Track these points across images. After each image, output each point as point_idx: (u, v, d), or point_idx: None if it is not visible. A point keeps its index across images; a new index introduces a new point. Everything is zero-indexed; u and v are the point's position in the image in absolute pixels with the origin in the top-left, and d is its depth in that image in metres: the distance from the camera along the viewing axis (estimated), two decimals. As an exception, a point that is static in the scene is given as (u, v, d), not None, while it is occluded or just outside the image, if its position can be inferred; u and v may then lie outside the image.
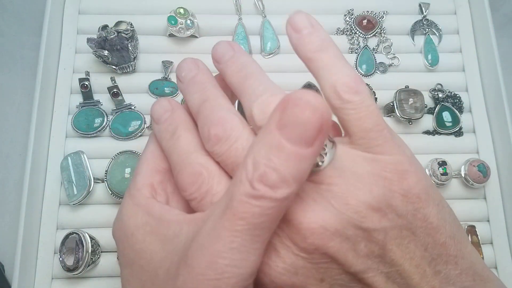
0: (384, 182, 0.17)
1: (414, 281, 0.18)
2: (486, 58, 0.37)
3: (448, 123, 0.35)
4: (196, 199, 0.18)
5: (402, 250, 0.18)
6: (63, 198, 0.33)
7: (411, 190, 0.18)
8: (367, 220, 0.17)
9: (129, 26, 0.35)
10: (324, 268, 0.17)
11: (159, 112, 0.21)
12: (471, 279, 0.18)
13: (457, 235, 0.19)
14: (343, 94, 0.18)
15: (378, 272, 0.17)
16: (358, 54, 0.37)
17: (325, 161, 0.17)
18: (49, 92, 0.34)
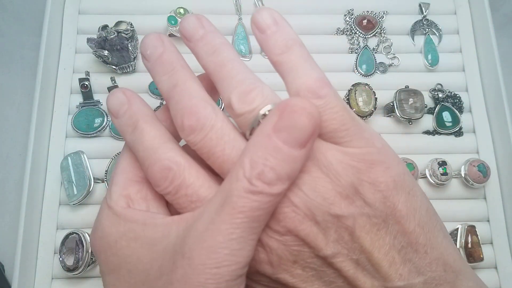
0: (352, 171, 0.18)
1: (383, 269, 0.18)
2: (486, 58, 0.37)
3: (448, 123, 0.35)
4: (170, 193, 0.19)
5: (371, 237, 0.18)
6: (63, 198, 0.33)
7: (379, 179, 0.18)
8: (335, 206, 0.18)
9: (129, 26, 0.35)
10: (296, 251, 0.18)
11: (116, 106, 0.21)
12: (441, 269, 0.19)
13: (428, 225, 0.19)
14: None
15: (348, 258, 0.18)
16: (358, 54, 0.37)
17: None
18: (49, 92, 0.34)
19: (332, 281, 0.18)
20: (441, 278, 0.18)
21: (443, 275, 0.18)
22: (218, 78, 0.20)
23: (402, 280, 0.18)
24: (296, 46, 0.20)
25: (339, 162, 0.18)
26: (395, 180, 0.18)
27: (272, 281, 0.19)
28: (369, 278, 0.18)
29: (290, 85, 0.19)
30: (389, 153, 0.19)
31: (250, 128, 0.19)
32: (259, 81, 0.19)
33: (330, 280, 0.18)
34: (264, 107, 0.18)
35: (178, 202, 0.19)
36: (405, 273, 0.18)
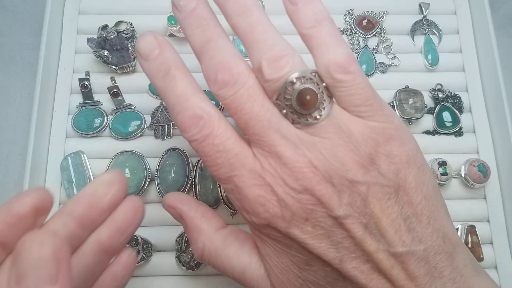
0: (371, 143, 0.19)
1: (389, 234, 0.19)
2: (486, 58, 0.37)
3: (448, 123, 0.35)
4: (197, 140, 0.20)
5: (382, 204, 0.19)
6: (63, 198, 0.33)
7: (394, 152, 0.20)
8: (352, 172, 0.19)
9: (129, 26, 0.35)
10: (310, 209, 0.19)
11: (147, 49, 0.21)
12: (441, 240, 0.20)
13: (433, 198, 0.20)
14: (335, 74, 0.19)
15: (358, 221, 0.19)
16: (358, 54, 0.37)
17: (323, 115, 0.19)
18: (49, 92, 0.34)
19: (339, 241, 0.19)
20: (440, 247, 0.20)
21: (442, 245, 0.20)
22: (249, 40, 0.20)
23: (405, 246, 0.19)
24: (326, 21, 0.21)
25: (360, 133, 0.19)
26: (408, 155, 0.20)
27: (282, 236, 0.20)
28: (375, 241, 0.19)
29: (319, 59, 0.20)
30: (405, 130, 0.21)
31: (277, 94, 0.20)
32: (290, 48, 0.20)
33: (337, 240, 0.19)
34: (292, 75, 0.19)
35: (203, 150, 0.20)
36: (408, 240, 0.19)
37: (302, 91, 0.19)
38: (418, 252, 0.19)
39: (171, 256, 0.31)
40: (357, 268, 0.19)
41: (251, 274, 0.22)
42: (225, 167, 0.20)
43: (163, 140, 0.34)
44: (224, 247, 0.22)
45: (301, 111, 0.19)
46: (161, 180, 0.32)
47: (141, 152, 0.33)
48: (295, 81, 0.19)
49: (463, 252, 0.21)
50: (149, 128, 0.34)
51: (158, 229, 0.32)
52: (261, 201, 0.19)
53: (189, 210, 0.23)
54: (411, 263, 0.19)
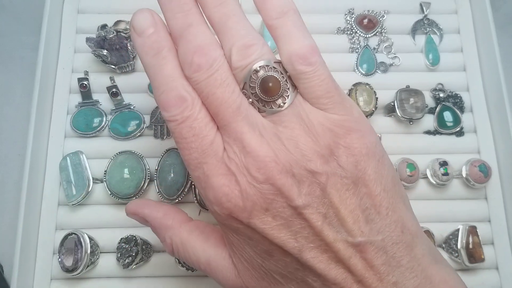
0: (330, 134, 0.20)
1: (348, 224, 0.20)
2: (487, 58, 0.36)
3: (449, 123, 0.35)
4: (177, 121, 0.20)
5: (340, 195, 0.20)
6: (62, 199, 0.32)
7: (353, 144, 0.20)
8: (312, 163, 0.19)
9: (128, 25, 0.35)
10: (270, 199, 0.19)
11: (142, 25, 0.22)
12: (399, 230, 0.20)
13: (392, 190, 0.21)
14: (296, 65, 0.20)
15: (317, 211, 0.20)
16: (358, 54, 0.37)
17: (287, 102, 0.20)
18: (48, 91, 0.34)
19: (298, 231, 0.20)
20: (398, 237, 0.20)
21: (400, 236, 0.20)
22: (222, 29, 0.21)
23: (364, 236, 0.20)
24: (291, 12, 0.21)
25: (320, 125, 0.20)
26: (368, 147, 0.20)
27: (243, 226, 0.20)
28: (334, 231, 0.20)
29: (283, 50, 0.21)
30: (364, 123, 0.21)
31: (243, 82, 0.20)
32: (261, 38, 0.21)
33: (296, 230, 0.20)
34: (257, 63, 0.20)
35: (180, 131, 0.20)
36: (366, 231, 0.20)
37: (265, 78, 0.20)
38: (376, 242, 0.20)
39: (170, 256, 0.31)
40: (316, 258, 0.20)
41: (216, 265, 0.23)
42: (197, 152, 0.20)
43: (162, 140, 0.33)
44: (190, 240, 0.23)
45: (265, 99, 0.20)
46: (160, 180, 0.32)
47: (141, 152, 0.32)
48: (259, 69, 0.20)
49: (422, 242, 0.21)
50: (148, 128, 0.34)
51: (158, 230, 0.32)
52: (224, 191, 0.20)
53: (151, 212, 0.24)
54: (369, 253, 0.20)
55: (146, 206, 0.24)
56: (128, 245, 0.30)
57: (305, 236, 0.20)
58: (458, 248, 0.32)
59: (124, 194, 0.31)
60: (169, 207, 0.25)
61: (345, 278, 0.20)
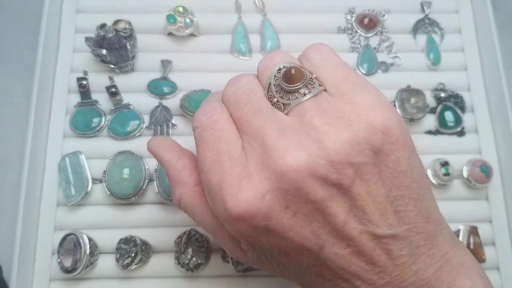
0: (367, 118, 0.18)
1: (375, 217, 0.19)
2: (489, 57, 0.36)
3: (450, 123, 0.35)
4: (201, 127, 0.21)
5: (369, 186, 0.19)
6: (61, 199, 0.32)
7: (392, 131, 0.19)
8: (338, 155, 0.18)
9: (128, 24, 0.35)
10: (291, 195, 0.18)
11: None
12: (424, 220, 0.20)
13: (422, 182, 0.20)
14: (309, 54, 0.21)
15: (342, 203, 0.18)
16: (359, 53, 0.36)
17: (312, 92, 0.19)
18: (46, 91, 0.34)
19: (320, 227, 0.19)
20: (423, 227, 0.20)
21: (425, 225, 0.20)
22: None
23: (391, 229, 0.19)
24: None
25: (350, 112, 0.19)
26: (405, 137, 0.19)
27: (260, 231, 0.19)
28: (359, 224, 0.19)
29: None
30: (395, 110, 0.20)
31: (267, 85, 0.21)
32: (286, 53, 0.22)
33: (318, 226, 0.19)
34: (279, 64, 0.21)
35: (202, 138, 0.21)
36: (394, 223, 0.19)
37: (288, 69, 0.20)
38: (402, 233, 0.19)
39: (170, 257, 0.31)
40: (337, 253, 0.19)
41: (223, 236, 0.22)
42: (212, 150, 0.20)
43: (162, 140, 0.33)
44: (200, 203, 0.23)
45: (288, 88, 0.20)
46: (160, 180, 0.31)
47: (140, 152, 0.32)
48: (282, 68, 0.20)
49: (444, 227, 0.21)
50: (147, 128, 0.34)
51: (157, 230, 0.32)
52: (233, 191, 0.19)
53: (171, 160, 0.24)
54: (394, 244, 0.19)
55: (169, 151, 0.24)
56: (127, 246, 0.30)
57: (328, 231, 0.19)
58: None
59: (123, 195, 0.31)
60: (190, 160, 0.24)
61: (366, 270, 0.19)
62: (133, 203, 0.32)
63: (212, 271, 0.31)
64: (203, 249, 0.31)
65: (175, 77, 0.35)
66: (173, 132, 0.34)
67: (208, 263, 0.31)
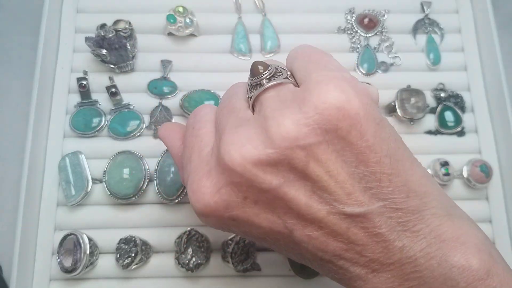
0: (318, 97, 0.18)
1: (340, 197, 0.18)
2: (489, 57, 0.36)
3: (450, 123, 0.35)
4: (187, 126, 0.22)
5: (329, 165, 0.18)
6: (61, 199, 0.32)
7: (349, 105, 0.18)
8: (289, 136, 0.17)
9: (128, 24, 0.35)
10: (245, 187, 0.18)
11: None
12: (404, 195, 0.18)
13: (395, 154, 0.19)
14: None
15: (301, 186, 0.18)
16: (359, 53, 0.36)
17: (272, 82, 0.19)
18: (46, 91, 0.34)
19: (285, 212, 0.19)
20: (403, 202, 0.18)
21: (406, 200, 0.18)
22: None
23: (362, 206, 0.18)
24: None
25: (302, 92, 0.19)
26: (366, 110, 0.18)
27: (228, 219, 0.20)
28: (325, 205, 0.18)
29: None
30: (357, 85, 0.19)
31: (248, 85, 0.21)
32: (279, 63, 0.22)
33: (283, 211, 0.19)
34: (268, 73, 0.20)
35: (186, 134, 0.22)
36: (365, 200, 0.18)
37: (255, 62, 0.20)
38: (377, 210, 0.18)
39: (170, 257, 0.31)
40: (310, 235, 0.19)
41: None
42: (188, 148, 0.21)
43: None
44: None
45: (252, 82, 0.20)
46: (160, 180, 0.31)
47: (140, 152, 0.32)
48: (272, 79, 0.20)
49: (432, 200, 0.19)
50: (147, 128, 0.34)
51: (157, 230, 0.32)
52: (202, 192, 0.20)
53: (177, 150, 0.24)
54: (370, 221, 0.18)
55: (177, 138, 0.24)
56: (127, 246, 0.30)
57: (294, 215, 0.19)
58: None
59: (123, 195, 0.31)
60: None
61: (346, 250, 0.19)
62: (133, 203, 0.32)
63: (212, 271, 0.31)
64: (203, 249, 0.31)
65: (175, 77, 0.35)
66: (173, 132, 0.34)
67: (208, 263, 0.31)
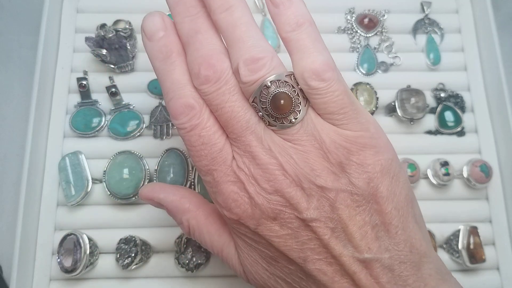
0: (343, 151, 0.20)
1: (355, 240, 0.20)
2: (489, 57, 0.36)
3: (450, 123, 0.35)
4: (185, 129, 0.20)
5: (350, 211, 0.20)
6: (61, 199, 0.32)
7: (367, 161, 0.20)
8: (321, 179, 0.19)
9: (128, 24, 0.35)
10: (278, 210, 0.20)
11: (153, 28, 0.22)
12: (408, 250, 0.20)
13: (403, 209, 0.20)
14: (309, 81, 0.20)
15: (325, 225, 0.20)
16: (359, 53, 0.36)
17: (298, 118, 0.20)
18: (46, 91, 0.34)
19: (305, 242, 0.20)
20: (406, 257, 0.20)
21: (408, 255, 0.20)
22: (230, 39, 0.20)
23: (370, 253, 0.19)
24: (307, 24, 0.20)
25: (332, 142, 0.20)
26: (382, 164, 0.20)
27: (251, 232, 0.21)
28: (341, 246, 0.20)
29: (296, 65, 0.20)
30: (381, 139, 0.21)
31: (253, 96, 0.20)
32: (269, 50, 0.20)
33: (303, 241, 0.20)
34: (267, 78, 0.19)
35: (189, 139, 0.21)
36: (374, 248, 0.20)
37: (276, 96, 0.19)
38: (383, 260, 0.19)
39: (170, 257, 0.31)
40: (321, 270, 0.20)
41: (228, 253, 0.23)
42: (207, 160, 0.20)
43: (162, 140, 0.33)
44: (207, 224, 0.23)
45: (276, 115, 0.20)
46: (160, 180, 0.31)
47: (140, 152, 0.32)
48: (269, 85, 0.19)
49: (430, 261, 0.21)
50: (147, 128, 0.34)
51: (157, 230, 0.32)
52: (233, 197, 0.20)
53: (167, 196, 0.24)
54: (375, 270, 0.19)
55: (161, 190, 0.24)
56: (127, 246, 0.30)
57: (311, 248, 0.20)
58: (459, 249, 0.31)
59: (123, 195, 0.31)
60: (185, 190, 0.25)
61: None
62: (133, 203, 0.32)
63: (212, 271, 0.31)
64: (203, 249, 0.31)
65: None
66: (173, 132, 0.34)
67: (208, 263, 0.31)
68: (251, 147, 0.20)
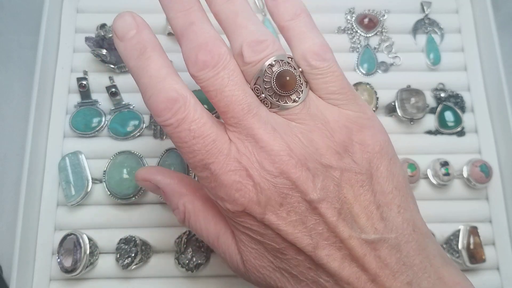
0: (345, 130, 0.20)
1: (362, 221, 0.20)
2: (489, 57, 0.36)
3: (450, 123, 0.35)
4: (172, 125, 0.19)
5: (355, 191, 0.20)
6: (61, 199, 0.32)
7: (367, 141, 0.20)
8: (326, 157, 0.19)
9: (128, 24, 0.35)
10: (284, 194, 0.19)
11: (123, 28, 0.21)
12: (411, 229, 0.20)
13: (403, 190, 0.21)
14: (311, 61, 0.20)
15: (332, 205, 0.19)
16: (359, 53, 0.36)
17: (301, 97, 0.20)
18: (46, 91, 0.34)
19: (313, 227, 0.19)
20: (410, 236, 0.20)
21: (412, 234, 0.20)
22: (231, 26, 0.21)
23: (377, 233, 0.20)
24: (304, 15, 0.22)
25: (335, 121, 0.20)
26: (381, 145, 0.21)
27: (257, 224, 0.20)
28: (348, 227, 0.19)
29: (296, 48, 0.21)
30: (377, 121, 0.22)
31: (256, 77, 0.20)
32: (271, 34, 0.21)
33: (311, 226, 0.19)
34: (271, 58, 0.20)
35: (178, 136, 0.19)
36: (380, 228, 0.20)
37: (282, 73, 0.20)
38: (390, 240, 0.19)
39: (170, 257, 0.31)
40: (330, 256, 0.19)
41: (224, 242, 0.22)
42: (202, 154, 0.19)
43: (162, 140, 0.33)
44: (204, 209, 0.23)
45: (280, 93, 0.20)
46: (160, 180, 0.31)
47: (140, 152, 0.32)
48: (274, 64, 0.20)
49: (433, 243, 0.21)
50: (147, 128, 0.34)
51: (157, 230, 0.32)
52: (237, 187, 0.19)
53: (164, 178, 0.24)
54: (383, 250, 0.19)
55: (159, 173, 0.24)
56: (127, 246, 0.30)
57: (319, 233, 0.19)
58: (459, 249, 0.31)
59: (123, 195, 0.31)
60: (182, 175, 0.24)
61: (358, 278, 0.19)
62: (133, 203, 0.32)
63: (212, 271, 0.31)
64: (203, 249, 0.31)
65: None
66: (173, 132, 0.34)
67: (208, 263, 0.31)
68: (254, 129, 0.19)
